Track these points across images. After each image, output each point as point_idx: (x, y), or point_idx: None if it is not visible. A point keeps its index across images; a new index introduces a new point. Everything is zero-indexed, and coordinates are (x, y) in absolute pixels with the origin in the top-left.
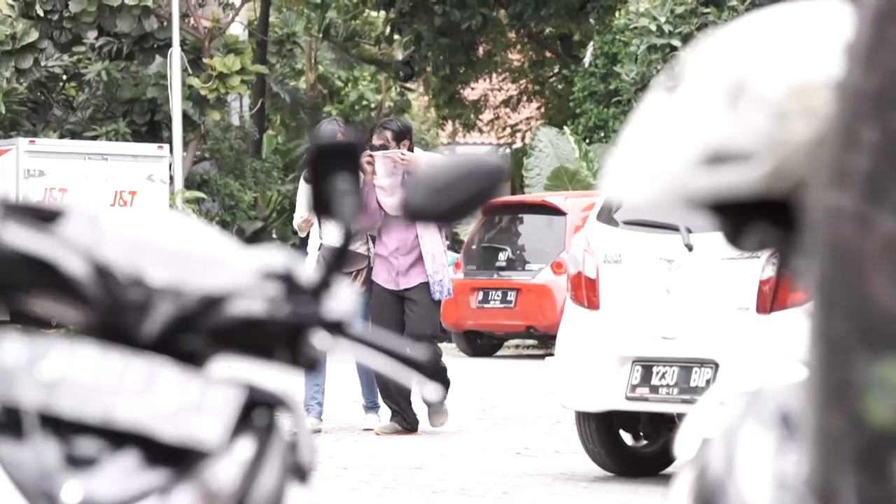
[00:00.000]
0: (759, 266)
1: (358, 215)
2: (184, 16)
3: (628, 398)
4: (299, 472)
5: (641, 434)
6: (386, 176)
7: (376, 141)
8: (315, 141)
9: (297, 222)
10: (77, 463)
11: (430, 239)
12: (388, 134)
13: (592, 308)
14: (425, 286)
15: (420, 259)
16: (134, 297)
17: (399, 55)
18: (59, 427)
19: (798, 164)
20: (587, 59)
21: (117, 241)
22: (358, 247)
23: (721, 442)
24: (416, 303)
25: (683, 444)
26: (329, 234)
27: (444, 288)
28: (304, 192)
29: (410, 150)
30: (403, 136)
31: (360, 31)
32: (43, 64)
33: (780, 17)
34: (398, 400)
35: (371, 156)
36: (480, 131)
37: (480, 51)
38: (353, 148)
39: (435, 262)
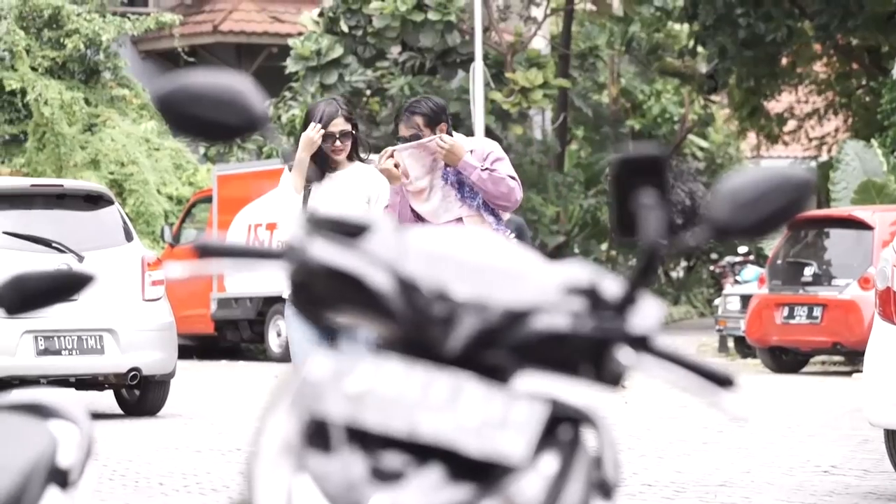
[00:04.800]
0: None
1: (663, 233)
2: (486, 30)
3: None
4: (604, 489)
5: None
6: (422, 174)
7: (405, 131)
8: (619, 155)
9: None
10: (383, 476)
11: None
12: (419, 120)
13: None
14: None
15: None
16: (438, 311)
17: (702, 68)
18: (366, 440)
19: None
20: (895, 71)
21: (421, 255)
22: None
23: None
24: None
25: None
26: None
27: None
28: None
29: (450, 134)
30: (438, 119)
31: (663, 44)
32: (347, 79)
33: None
34: None
35: (396, 151)
36: (784, 144)
37: (784, 62)
38: (658, 161)
39: None
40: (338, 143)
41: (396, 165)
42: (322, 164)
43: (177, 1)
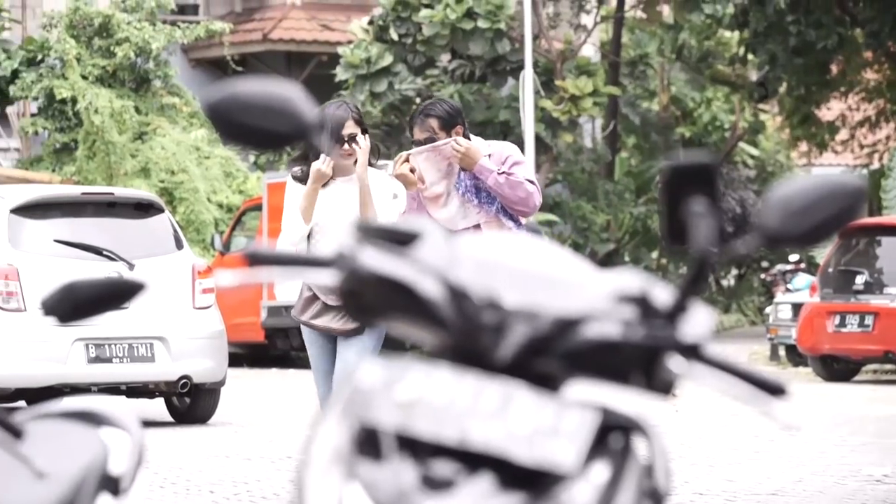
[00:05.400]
0: None
1: (714, 241)
2: (536, 38)
3: None
4: (655, 497)
5: None
6: (437, 179)
7: (419, 134)
8: (670, 163)
9: (292, 234)
10: (434, 484)
11: None
12: (434, 123)
13: None
14: None
15: None
16: (489, 319)
17: (753, 76)
18: (416, 449)
19: None
20: None
21: (472, 263)
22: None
23: None
24: None
25: None
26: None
27: None
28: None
29: (466, 138)
30: (454, 122)
31: (714, 51)
32: (397, 87)
33: None
34: None
35: (411, 155)
36: (835, 152)
37: (834, 70)
38: (709, 169)
39: None
40: (346, 146)
41: (412, 171)
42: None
43: (227, 9)
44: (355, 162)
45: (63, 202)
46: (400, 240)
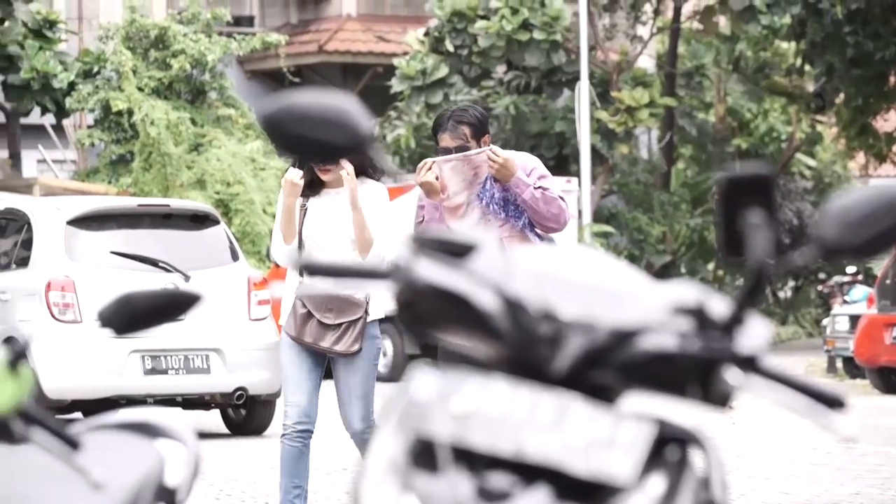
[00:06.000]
0: None
1: (771, 252)
2: (592, 49)
3: None
4: None
5: None
6: (461, 189)
7: (450, 141)
8: (726, 174)
9: (280, 251)
10: (490, 497)
11: None
12: (467, 130)
13: None
14: None
15: None
16: (545, 331)
17: (810, 86)
18: (472, 461)
19: None
20: None
21: (528, 275)
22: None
23: None
24: None
25: None
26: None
27: None
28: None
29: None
30: (484, 129)
31: (770, 62)
32: (452, 99)
33: None
34: None
35: (437, 163)
36: (893, 163)
37: (892, 81)
38: (766, 180)
39: None
40: (321, 164)
41: (438, 178)
42: (316, 181)
43: (283, 21)
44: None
45: (119, 214)
46: (456, 251)
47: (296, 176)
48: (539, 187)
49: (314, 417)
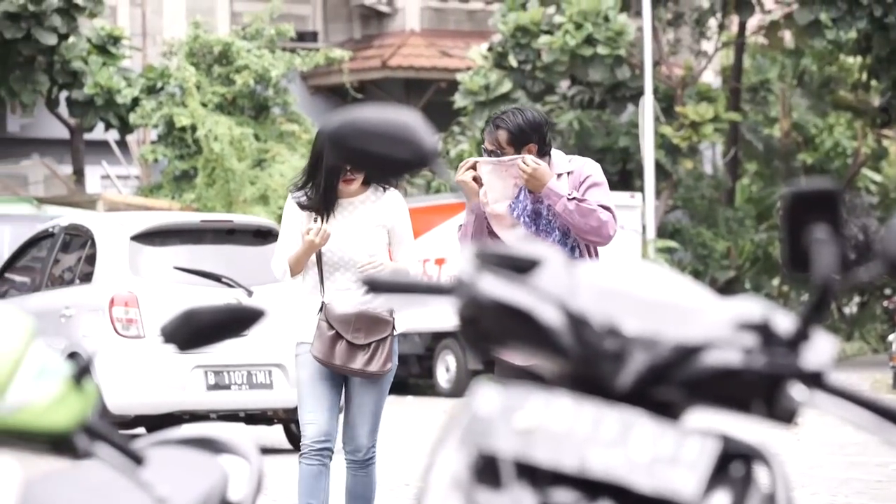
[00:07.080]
0: None
1: (836, 268)
2: (656, 64)
3: None
4: None
5: None
6: (500, 198)
7: (487, 145)
8: (791, 189)
9: (282, 267)
10: None
11: None
12: (502, 136)
13: None
14: None
15: None
16: (609, 347)
17: (876, 101)
18: (536, 476)
19: None
20: None
21: (592, 290)
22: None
23: None
24: None
25: None
26: (337, 288)
27: None
28: (292, 221)
29: (543, 155)
30: (526, 138)
31: (836, 77)
32: None
33: None
34: None
35: (479, 163)
36: None
37: None
38: (832, 195)
39: None
40: (349, 173)
41: (476, 180)
42: (331, 196)
43: (346, 36)
44: (364, 182)
45: (182, 229)
46: (519, 267)
47: (317, 236)
48: (574, 198)
49: (334, 436)
